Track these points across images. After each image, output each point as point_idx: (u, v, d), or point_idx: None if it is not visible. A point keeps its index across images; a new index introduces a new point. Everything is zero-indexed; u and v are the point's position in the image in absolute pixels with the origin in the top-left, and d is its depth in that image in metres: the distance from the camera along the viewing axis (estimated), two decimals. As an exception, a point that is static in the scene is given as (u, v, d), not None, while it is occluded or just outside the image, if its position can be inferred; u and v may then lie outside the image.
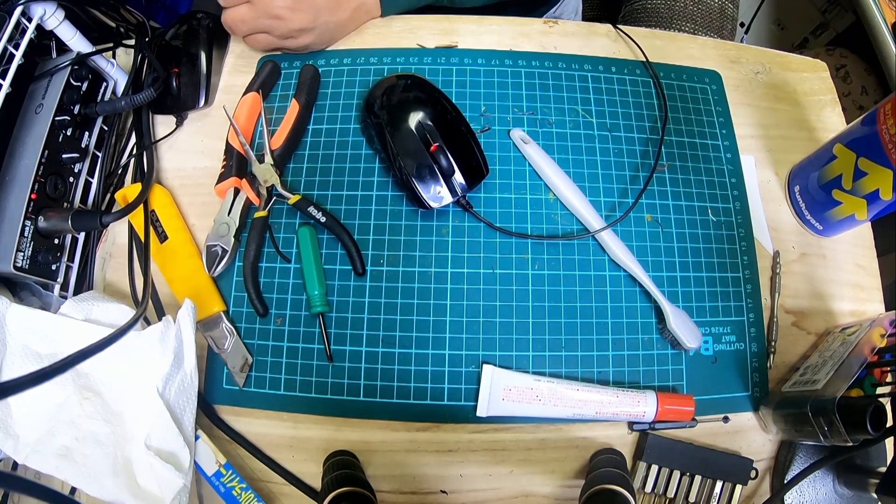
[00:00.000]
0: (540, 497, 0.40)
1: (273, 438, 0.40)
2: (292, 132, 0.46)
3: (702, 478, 0.39)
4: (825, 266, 0.46)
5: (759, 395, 0.42)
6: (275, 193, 0.44)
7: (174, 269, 0.43)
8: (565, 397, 0.39)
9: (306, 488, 0.39)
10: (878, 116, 0.38)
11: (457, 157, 0.42)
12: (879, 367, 0.38)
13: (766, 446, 0.41)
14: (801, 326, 0.44)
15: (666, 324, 0.41)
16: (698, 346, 0.40)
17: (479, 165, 0.43)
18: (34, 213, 0.40)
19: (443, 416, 0.40)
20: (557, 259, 0.43)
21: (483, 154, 0.43)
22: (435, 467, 0.40)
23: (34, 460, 0.35)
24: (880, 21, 0.78)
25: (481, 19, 0.53)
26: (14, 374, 0.36)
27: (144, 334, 0.38)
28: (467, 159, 0.42)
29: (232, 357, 0.41)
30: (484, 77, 0.49)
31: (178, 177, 0.47)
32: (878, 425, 0.33)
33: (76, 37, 0.43)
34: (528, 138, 0.46)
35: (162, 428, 0.37)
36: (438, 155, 0.41)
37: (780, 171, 0.49)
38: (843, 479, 0.39)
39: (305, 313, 0.42)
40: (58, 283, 0.42)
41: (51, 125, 0.41)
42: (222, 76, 0.51)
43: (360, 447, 0.40)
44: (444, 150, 0.41)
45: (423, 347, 0.41)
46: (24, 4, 0.38)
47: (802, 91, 0.52)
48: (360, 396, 0.41)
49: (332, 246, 0.44)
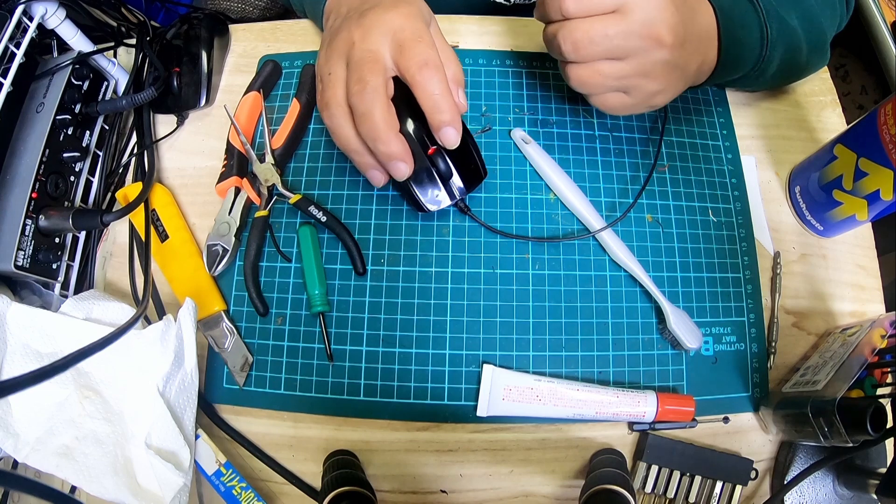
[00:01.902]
0: (540, 497, 0.40)
1: (273, 438, 0.40)
2: (293, 132, 0.46)
3: (702, 478, 0.39)
4: (825, 266, 0.46)
5: (760, 396, 0.42)
6: (275, 193, 0.44)
7: (175, 268, 0.43)
8: (565, 397, 0.39)
9: (306, 488, 0.39)
10: (878, 116, 0.38)
11: (455, 160, 0.41)
12: (880, 368, 0.38)
13: (766, 447, 0.41)
14: (801, 327, 0.44)
15: (666, 324, 0.41)
16: (699, 346, 0.40)
17: (477, 168, 0.42)
18: (35, 211, 0.40)
19: (443, 416, 0.40)
20: (558, 259, 0.43)
21: (481, 157, 0.43)
22: (435, 467, 0.40)
23: (34, 459, 0.35)
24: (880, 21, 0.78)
25: (482, 19, 0.53)
26: (14, 372, 0.36)
27: (145, 333, 0.38)
28: (465, 162, 0.41)
29: (232, 356, 0.41)
30: (485, 77, 0.49)
31: (178, 176, 0.48)
32: (879, 426, 0.33)
33: (77, 36, 0.43)
34: (529, 138, 0.46)
35: (162, 427, 0.37)
36: (436, 158, 0.40)
37: (780, 172, 0.49)
38: (843, 479, 0.39)
39: (306, 313, 0.42)
40: (58, 281, 0.42)
41: (52, 124, 0.41)
42: (223, 75, 0.51)
43: (360, 447, 0.40)
44: (442, 153, 0.40)
45: (424, 347, 0.41)
46: (26, 3, 0.38)
47: (803, 91, 0.52)
48: (361, 396, 0.41)
49: (332, 245, 0.44)
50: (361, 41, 0.35)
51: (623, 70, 0.36)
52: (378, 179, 0.39)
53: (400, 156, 0.36)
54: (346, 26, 0.36)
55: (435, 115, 0.35)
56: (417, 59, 0.34)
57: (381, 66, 0.34)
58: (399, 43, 0.35)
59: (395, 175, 0.37)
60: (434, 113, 0.35)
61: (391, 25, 0.35)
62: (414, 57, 0.34)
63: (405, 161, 0.36)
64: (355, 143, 0.36)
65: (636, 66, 0.36)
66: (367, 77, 0.34)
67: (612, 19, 0.34)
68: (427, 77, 0.34)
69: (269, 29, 0.53)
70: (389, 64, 0.35)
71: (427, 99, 0.35)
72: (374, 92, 0.34)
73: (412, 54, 0.34)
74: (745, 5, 0.40)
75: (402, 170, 0.36)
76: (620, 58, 0.35)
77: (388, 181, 0.39)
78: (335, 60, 0.36)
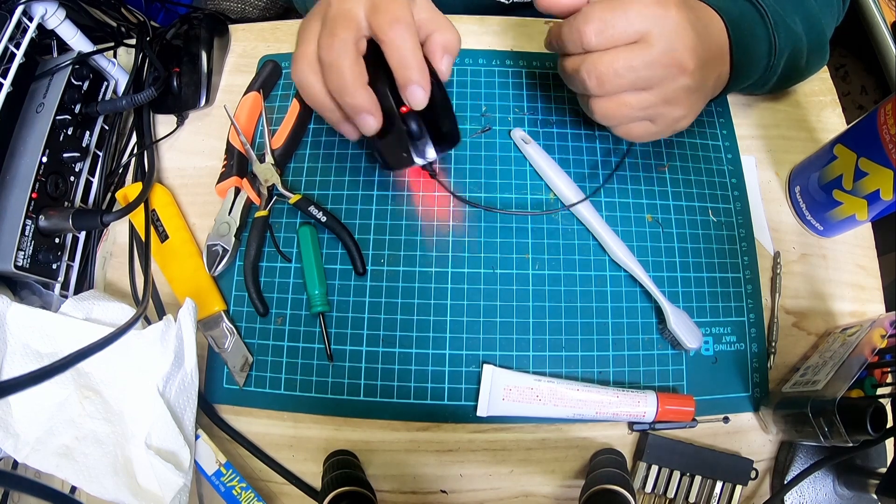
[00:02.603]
0: (540, 497, 0.40)
1: (273, 438, 0.40)
2: (293, 132, 0.46)
3: (702, 478, 0.39)
4: (825, 266, 0.46)
5: (760, 396, 0.42)
6: (275, 193, 0.44)
7: (175, 268, 0.43)
8: (565, 397, 0.39)
9: (306, 488, 0.39)
10: (878, 116, 0.38)
11: (428, 123, 0.39)
12: (880, 368, 0.38)
13: (766, 447, 0.41)
14: (801, 327, 0.44)
15: (666, 324, 0.41)
16: (699, 346, 0.40)
17: (451, 132, 0.40)
18: (35, 212, 0.40)
19: (443, 416, 0.40)
20: (558, 259, 0.43)
21: (456, 122, 0.40)
22: (435, 467, 0.40)
23: (34, 459, 0.35)
24: (880, 21, 0.78)
25: (482, 19, 0.53)
26: (14, 372, 0.36)
27: (145, 333, 0.38)
28: (438, 125, 0.39)
29: (232, 356, 0.41)
30: (484, 77, 0.49)
31: (178, 176, 0.48)
32: (879, 426, 0.33)
33: (77, 36, 0.43)
34: (529, 138, 0.46)
35: (162, 427, 0.37)
36: (408, 118, 0.37)
37: (780, 172, 0.49)
38: (843, 479, 0.39)
39: (306, 313, 0.42)
40: (58, 282, 0.42)
41: (52, 124, 0.41)
42: (223, 76, 0.51)
43: (360, 447, 0.40)
44: (415, 113, 0.37)
45: (424, 347, 0.41)
46: (26, 4, 0.38)
47: (803, 91, 0.52)
48: (361, 396, 0.41)
49: (332, 245, 0.44)
50: (338, 1, 0.35)
51: (648, 100, 0.35)
52: (350, 133, 0.38)
53: (367, 108, 0.35)
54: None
55: (401, 72, 0.34)
56: (389, 16, 0.33)
57: (354, 23, 0.34)
58: (374, 2, 0.34)
59: (363, 129, 0.36)
60: (401, 69, 0.34)
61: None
62: (386, 14, 0.33)
63: (373, 114, 0.35)
64: (323, 98, 0.36)
65: (661, 95, 0.35)
66: (337, 31, 0.34)
67: (635, 50, 0.34)
68: (397, 33, 0.33)
69: (269, 29, 0.53)
70: (364, 23, 0.35)
71: (394, 54, 0.34)
72: (342, 44, 0.33)
73: (384, 11, 0.34)
74: (753, 14, 0.40)
75: (370, 122, 0.36)
76: (645, 88, 0.35)
77: (360, 136, 0.39)
78: (311, 19, 0.36)
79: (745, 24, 0.39)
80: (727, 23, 0.38)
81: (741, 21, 0.39)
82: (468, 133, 0.47)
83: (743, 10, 0.40)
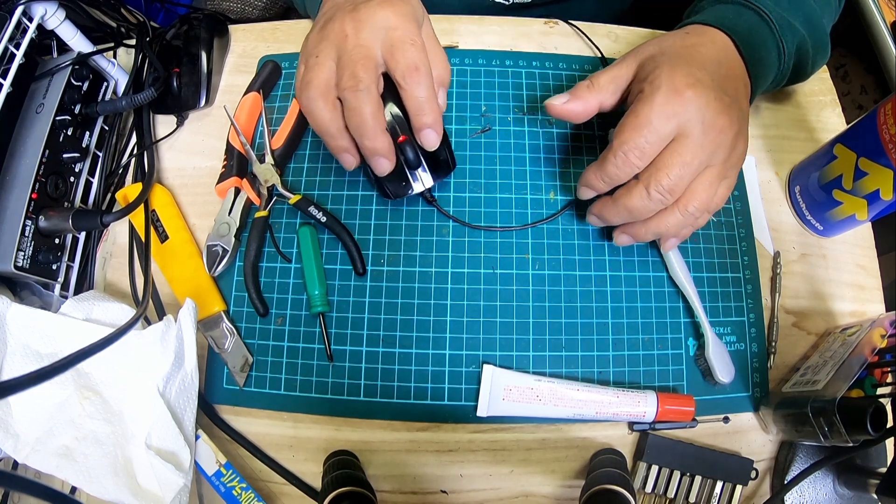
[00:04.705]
0: (540, 497, 0.40)
1: (273, 438, 0.40)
2: (293, 132, 0.46)
3: (702, 478, 0.39)
4: (825, 266, 0.46)
5: (760, 396, 0.42)
6: (275, 193, 0.44)
7: (175, 268, 0.43)
8: (565, 397, 0.39)
9: (306, 488, 0.39)
10: (877, 116, 0.38)
11: (425, 151, 0.40)
12: (880, 368, 0.38)
13: (766, 447, 0.41)
14: (801, 327, 0.44)
15: (704, 350, 0.40)
16: (729, 381, 0.40)
17: (446, 160, 0.42)
18: (35, 212, 0.40)
19: (443, 416, 0.40)
20: (558, 259, 0.43)
21: (451, 149, 0.42)
22: (435, 467, 0.40)
23: (34, 459, 0.35)
24: (880, 21, 0.78)
25: (481, 19, 0.53)
26: (14, 373, 0.36)
27: (145, 334, 0.38)
28: (435, 154, 0.41)
29: (232, 357, 0.41)
30: (484, 77, 0.49)
31: (178, 176, 0.48)
32: (879, 426, 0.33)
33: (77, 36, 0.43)
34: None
35: (162, 427, 0.37)
36: (406, 147, 0.39)
37: (780, 172, 0.49)
38: (844, 479, 0.39)
39: (306, 313, 0.42)
40: (58, 282, 0.42)
41: (51, 125, 0.41)
42: (223, 76, 0.51)
43: (360, 447, 0.40)
44: (413, 142, 0.39)
45: (424, 347, 0.41)
46: (25, 4, 0.38)
47: (803, 91, 0.52)
48: (361, 396, 0.41)
49: (332, 246, 0.44)
50: (354, 34, 0.35)
51: (715, 173, 0.36)
52: (349, 163, 0.39)
53: (384, 153, 0.37)
54: (339, 16, 0.36)
55: (418, 118, 0.37)
56: (407, 62, 0.35)
57: (373, 62, 0.35)
58: (391, 42, 0.35)
59: (377, 170, 0.38)
60: (418, 115, 0.36)
61: (385, 23, 0.35)
62: (404, 59, 0.35)
63: (388, 158, 0.38)
64: (331, 128, 0.37)
65: (721, 160, 0.36)
66: (360, 74, 0.35)
67: (679, 146, 0.34)
68: (415, 81, 0.35)
69: (269, 29, 0.53)
70: (380, 61, 0.36)
71: (412, 101, 0.36)
72: (367, 91, 0.35)
73: (402, 56, 0.35)
74: (760, 25, 0.40)
75: (384, 165, 0.38)
76: (708, 166, 0.35)
77: (358, 165, 0.40)
78: (325, 47, 0.36)
79: (754, 39, 0.39)
80: (738, 42, 0.38)
81: (750, 38, 0.39)
82: (468, 133, 0.47)
83: (750, 23, 0.40)
